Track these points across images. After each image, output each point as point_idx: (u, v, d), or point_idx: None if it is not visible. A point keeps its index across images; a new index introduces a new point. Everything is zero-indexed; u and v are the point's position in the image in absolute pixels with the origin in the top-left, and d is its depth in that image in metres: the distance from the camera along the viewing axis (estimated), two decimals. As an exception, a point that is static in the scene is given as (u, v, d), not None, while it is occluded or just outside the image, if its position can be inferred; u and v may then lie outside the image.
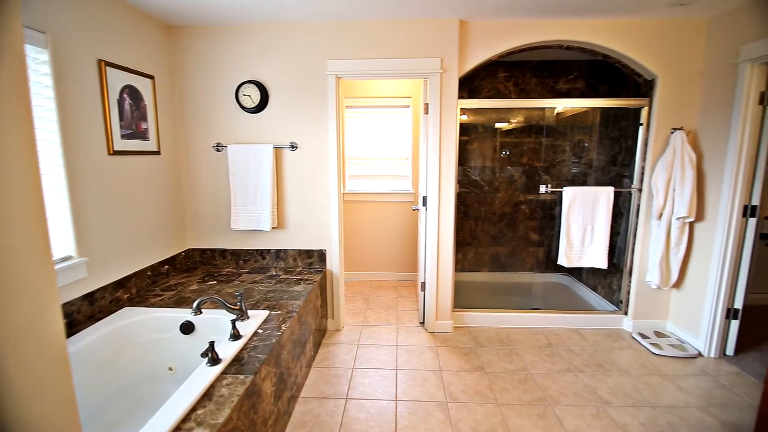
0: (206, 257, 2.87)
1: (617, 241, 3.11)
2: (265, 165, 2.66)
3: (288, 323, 1.91)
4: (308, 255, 2.83)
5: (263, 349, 1.64)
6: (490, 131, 3.87)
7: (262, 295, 2.27)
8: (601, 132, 3.55)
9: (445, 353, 2.58)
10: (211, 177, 2.78)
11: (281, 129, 2.72)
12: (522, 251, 4.01)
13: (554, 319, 2.98)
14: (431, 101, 2.67)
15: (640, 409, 2.02)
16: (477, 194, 3.93)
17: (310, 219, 2.81)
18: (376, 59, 2.62)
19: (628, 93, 3.09)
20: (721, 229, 2.45)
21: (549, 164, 3.86)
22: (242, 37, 2.63)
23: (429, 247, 2.82)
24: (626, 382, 2.26)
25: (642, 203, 2.80)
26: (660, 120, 2.69)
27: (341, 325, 2.94)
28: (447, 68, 2.63)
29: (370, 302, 3.48)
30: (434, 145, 2.71)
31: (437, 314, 2.89)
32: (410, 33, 2.60)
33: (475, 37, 2.65)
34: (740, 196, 2.36)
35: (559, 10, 2.41)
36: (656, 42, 2.61)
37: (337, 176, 2.73)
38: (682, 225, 2.63)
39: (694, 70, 2.63)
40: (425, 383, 2.24)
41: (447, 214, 2.80)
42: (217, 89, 2.69)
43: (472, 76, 3.68)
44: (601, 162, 3.53)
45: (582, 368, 2.40)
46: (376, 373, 2.34)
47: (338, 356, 2.54)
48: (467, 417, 1.95)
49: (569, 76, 3.67)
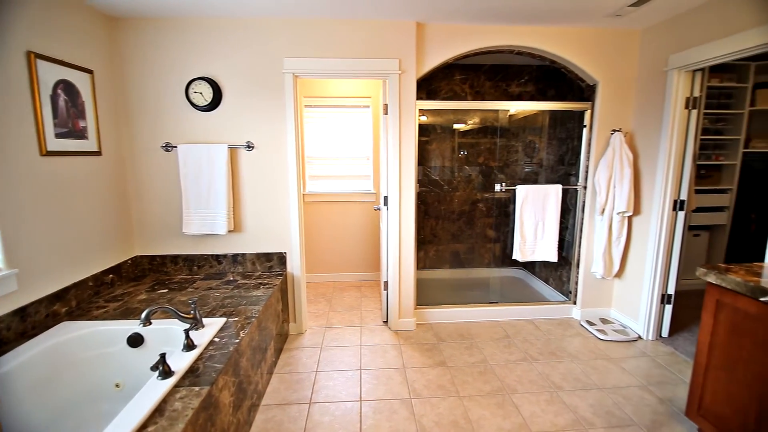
0: (156, 264, 2.70)
1: (566, 236, 3.31)
2: (219, 166, 2.55)
3: (247, 330, 1.84)
4: (267, 258, 2.76)
5: (220, 358, 1.58)
6: (449, 132, 3.97)
7: (218, 302, 2.18)
8: (550, 133, 3.76)
9: (409, 350, 2.61)
10: (159, 179, 2.63)
11: (236, 128, 2.62)
12: (480, 247, 4.16)
13: (511, 312, 3.12)
14: (390, 102, 2.69)
15: (588, 391, 2.17)
16: (437, 193, 4.02)
17: (269, 221, 2.74)
18: (335, 58, 2.60)
19: (573, 97, 3.29)
20: (655, 222, 2.68)
21: (503, 164, 4.03)
22: (192, 32, 2.50)
23: (391, 247, 2.85)
24: (576, 368, 2.41)
25: (587, 200, 3.01)
26: (601, 122, 2.89)
27: (304, 328, 2.89)
28: (405, 69, 2.67)
29: (333, 304, 3.45)
30: (394, 146, 2.73)
31: (400, 313, 2.92)
32: (369, 33, 2.60)
33: (431, 40, 2.70)
34: (671, 192, 2.60)
35: (509, 16, 2.52)
36: (597, 49, 2.80)
37: (296, 177, 2.68)
38: (622, 219, 2.85)
39: (629, 76, 2.86)
40: (389, 381, 2.26)
41: (408, 214, 2.83)
42: (165, 86, 2.54)
43: (430, 78, 3.76)
44: (551, 161, 3.74)
45: (537, 357, 2.53)
46: (340, 374, 2.33)
47: (301, 360, 2.49)
48: (430, 411, 1.99)
49: (521, 80, 3.85)
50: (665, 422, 1.92)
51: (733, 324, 1.62)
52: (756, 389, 1.52)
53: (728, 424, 1.64)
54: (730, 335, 1.63)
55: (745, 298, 1.55)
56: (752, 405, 1.54)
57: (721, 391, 1.67)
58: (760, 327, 1.50)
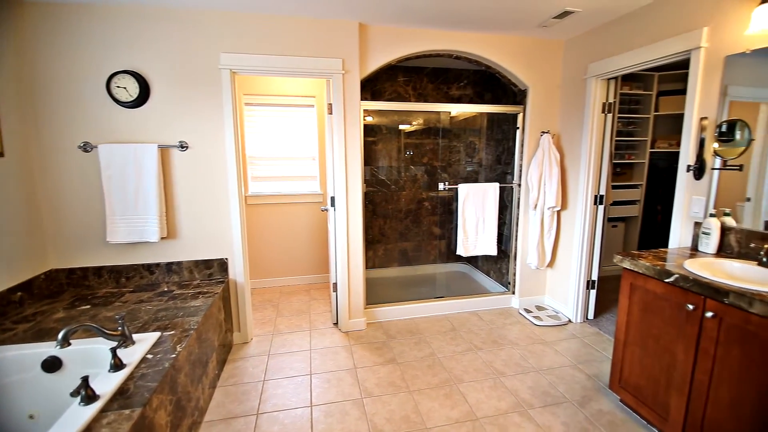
0: (76, 278, 2.42)
1: (504, 230, 3.53)
2: (148, 167, 2.35)
3: (184, 343, 1.72)
4: (207, 265, 2.60)
5: (154, 376, 1.46)
6: (395, 132, 4.03)
7: (151, 316, 2.01)
8: (488, 134, 3.98)
9: (359, 351, 2.62)
10: (78, 182, 2.36)
11: (168, 127, 2.44)
12: (426, 245, 4.28)
13: (456, 305, 3.25)
14: (335, 101, 2.67)
15: (527, 374, 2.33)
16: (384, 193, 4.06)
17: (207, 226, 2.58)
18: (276, 56, 2.51)
19: (508, 100, 3.51)
20: (579, 215, 2.95)
21: (446, 163, 4.19)
22: (114, 20, 2.28)
23: (339, 248, 2.83)
24: (516, 353, 2.57)
25: (521, 196, 3.22)
26: (532, 124, 3.12)
27: (249, 337, 2.77)
28: (349, 69, 2.66)
29: (280, 309, 3.34)
30: (340, 146, 2.71)
31: (350, 313, 2.92)
32: (311, 31, 2.56)
33: (375, 41, 2.73)
34: (592, 188, 2.88)
35: (448, 21, 2.62)
36: (527, 57, 3.01)
37: (237, 178, 2.56)
38: (552, 214, 3.09)
39: (555, 82, 3.11)
40: (340, 383, 2.24)
41: (355, 214, 2.83)
42: (82, 79, 2.28)
43: (375, 79, 3.79)
44: (489, 161, 3.95)
45: (481, 346, 2.67)
46: (290, 381, 2.27)
47: (247, 370, 2.38)
48: (382, 409, 2.01)
49: (460, 84, 4.03)
50: (593, 396, 2.12)
51: (644, 304, 1.83)
52: (665, 361, 1.74)
53: (643, 393, 1.86)
54: (642, 314, 1.85)
55: (654, 280, 1.76)
56: (662, 375, 1.76)
57: (637, 364, 1.89)
58: (666, 305, 1.72)
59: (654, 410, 1.79)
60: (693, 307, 1.57)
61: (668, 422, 1.71)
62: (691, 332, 1.59)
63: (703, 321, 1.54)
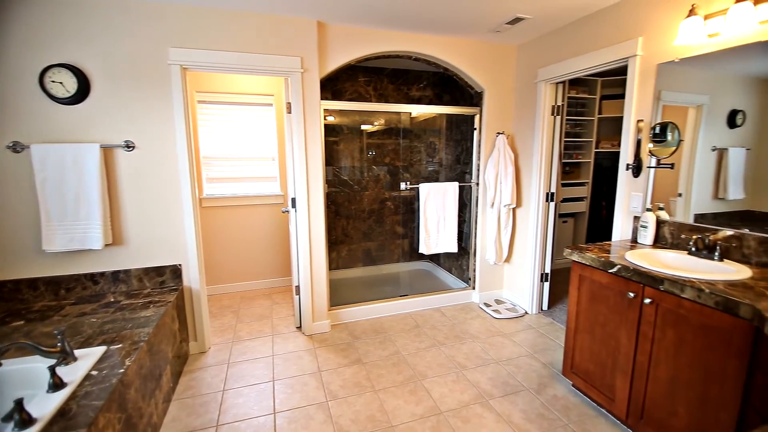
0: (7, 291, 2.19)
1: (464, 228, 3.63)
2: (89, 169, 2.18)
3: (134, 356, 1.62)
4: (158, 273, 2.45)
5: (100, 394, 1.35)
6: (357, 133, 4.02)
7: (96, 329, 1.87)
8: (448, 135, 4.08)
9: (324, 353, 2.59)
10: (6, 186, 2.13)
11: (111, 125, 2.27)
12: (390, 244, 4.31)
13: (420, 303, 3.30)
14: (294, 100, 2.62)
15: (488, 366, 2.42)
16: (347, 193, 4.04)
17: (158, 230, 2.44)
18: (231, 52, 2.42)
19: (465, 102, 3.62)
20: (533, 212, 3.10)
21: (408, 163, 4.24)
22: (50, 9, 2.08)
23: (301, 249, 2.78)
24: (477, 346, 2.66)
25: (479, 195, 3.34)
26: (488, 125, 3.24)
27: (207, 346, 2.64)
28: (308, 68, 2.62)
29: (240, 315, 3.23)
30: (300, 146, 2.67)
31: (314, 316, 2.87)
32: (268, 28, 2.49)
33: (334, 40, 2.70)
34: (543, 185, 3.04)
35: (404, 23, 2.65)
36: (483, 60, 3.12)
37: (190, 179, 2.44)
38: (508, 211, 3.23)
39: (510, 85, 3.25)
40: (304, 388, 2.20)
41: (317, 215, 2.80)
42: (10, 73, 2.07)
43: (335, 79, 3.76)
44: (449, 161, 4.05)
45: (444, 341, 2.73)
46: (251, 389, 2.19)
47: (205, 381, 2.28)
48: (347, 410, 2.00)
49: (420, 85, 4.09)
50: (548, 383, 2.24)
51: (591, 293, 1.96)
52: (610, 346, 1.87)
53: (593, 378, 1.99)
54: (590, 303, 1.98)
55: (599, 271, 1.89)
56: (608, 359, 1.89)
57: (586, 350, 2.02)
58: (611, 294, 1.85)
59: (602, 392, 1.93)
60: (633, 294, 1.71)
61: (615, 402, 1.85)
62: (632, 318, 1.73)
63: (642, 307, 1.68)
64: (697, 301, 1.45)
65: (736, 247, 1.78)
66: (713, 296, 1.38)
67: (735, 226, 1.80)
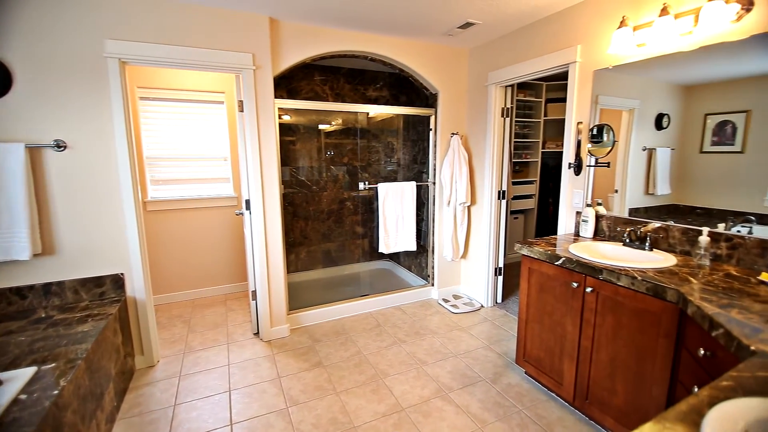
0: None
1: (422, 226, 3.70)
2: (12, 171, 1.96)
3: (69, 376, 1.48)
4: (97, 283, 2.26)
5: (30, 419, 1.22)
6: (314, 132, 3.96)
7: (24, 348, 1.68)
8: (405, 135, 4.13)
9: (283, 359, 2.52)
10: None
11: (38, 123, 2.06)
12: (350, 244, 4.30)
13: (381, 302, 3.32)
14: (246, 98, 2.52)
15: (447, 360, 2.48)
16: (305, 194, 3.97)
17: (96, 238, 2.24)
18: (177, 46, 2.28)
19: (421, 103, 3.69)
20: (486, 209, 3.23)
21: (366, 163, 4.25)
22: (-51, -9, 1.84)
23: (257, 253, 2.69)
24: (436, 341, 2.73)
25: (436, 194, 3.42)
26: (443, 126, 3.32)
27: (155, 359, 2.48)
28: (260, 65, 2.54)
29: (192, 324, 3.06)
30: (253, 145, 2.58)
31: (272, 321, 2.79)
32: (218, 23, 2.38)
33: (288, 38, 2.64)
34: (495, 184, 3.17)
35: (358, 23, 2.65)
36: (437, 63, 3.20)
37: (131, 182, 2.27)
38: (463, 209, 3.34)
39: (463, 87, 3.36)
40: (263, 396, 2.13)
41: (273, 217, 2.72)
42: None
43: (290, 77, 3.67)
44: (407, 161, 4.11)
45: (404, 339, 2.77)
46: (205, 402, 2.09)
47: (153, 397, 2.14)
48: (309, 415, 1.97)
49: (377, 85, 4.11)
50: (503, 372, 2.35)
51: (540, 285, 2.08)
52: (558, 333, 2.00)
53: (543, 364, 2.11)
54: (538, 294, 2.10)
55: (546, 263, 2.01)
56: (556, 346, 2.01)
57: (536, 338, 2.14)
58: (557, 285, 1.97)
59: (552, 377, 2.05)
60: (577, 284, 1.83)
61: (563, 386, 1.98)
62: (576, 306, 1.86)
63: (584, 296, 1.81)
64: (631, 288, 1.58)
65: (663, 238, 1.97)
66: (644, 283, 1.52)
67: (662, 218, 1.99)
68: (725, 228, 1.74)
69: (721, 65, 1.71)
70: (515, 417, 1.95)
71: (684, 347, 1.40)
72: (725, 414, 0.72)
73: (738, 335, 1.05)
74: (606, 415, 1.76)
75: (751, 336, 1.04)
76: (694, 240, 1.84)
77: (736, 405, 0.74)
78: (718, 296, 1.34)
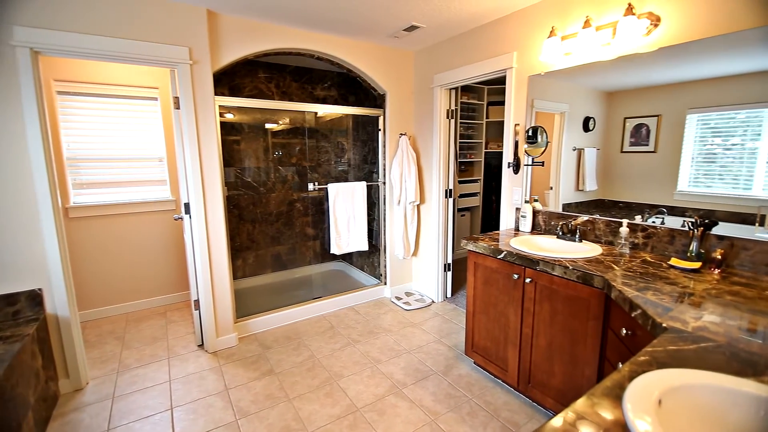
0: None
1: (374, 226, 3.73)
2: None
3: (-26, 407, 1.29)
4: (9, 301, 1.99)
5: None
6: (260, 132, 3.81)
7: None
8: (355, 135, 4.13)
9: (231, 369, 2.40)
10: None
11: (-76, 119, 1.77)
12: (301, 246, 4.20)
13: (334, 303, 3.29)
14: (182, 95, 2.37)
15: (400, 357, 2.52)
16: (252, 196, 3.81)
17: (5, 250, 1.98)
18: (103, 36, 2.08)
19: (370, 104, 3.70)
20: (435, 207, 3.33)
21: (316, 164, 4.18)
22: None
23: (199, 260, 2.53)
24: (390, 339, 2.76)
25: (387, 193, 3.46)
26: (391, 127, 3.37)
27: (83, 381, 2.24)
28: (198, 60, 2.40)
29: (127, 340, 2.81)
30: (192, 145, 2.42)
31: (217, 331, 2.65)
32: (149, 13, 2.20)
33: (228, 32, 2.52)
34: (442, 183, 3.28)
35: (302, 20, 2.60)
36: (384, 64, 3.23)
37: (49, 186, 2.03)
38: (413, 208, 3.41)
39: (410, 89, 3.43)
40: (210, 410, 2.02)
41: (216, 220, 2.58)
42: None
43: (232, 73, 3.51)
44: (357, 161, 4.11)
45: (358, 339, 2.76)
46: (144, 423, 1.93)
47: (82, 423, 1.93)
48: (260, 426, 1.90)
49: (325, 84, 4.06)
50: (454, 364, 2.43)
51: (485, 278, 2.19)
52: (502, 323, 2.11)
53: (490, 353, 2.22)
54: (484, 287, 2.20)
55: (490, 258, 2.12)
56: (501, 335, 2.13)
57: (483, 329, 2.24)
58: (500, 277, 2.08)
59: (498, 365, 2.16)
60: (517, 276, 1.95)
61: (508, 372, 2.09)
62: (517, 296, 1.98)
63: (524, 286, 1.93)
64: (563, 277, 1.72)
65: (591, 230, 2.16)
66: (575, 271, 1.66)
67: (590, 212, 2.19)
68: (642, 219, 1.95)
69: (636, 74, 1.91)
70: (465, 406, 2.03)
71: (609, 328, 1.55)
72: (642, 386, 0.80)
73: (652, 314, 1.18)
74: (546, 396, 1.89)
75: (663, 314, 1.18)
76: (616, 231, 2.04)
77: (651, 377, 0.83)
78: (636, 281, 1.49)
